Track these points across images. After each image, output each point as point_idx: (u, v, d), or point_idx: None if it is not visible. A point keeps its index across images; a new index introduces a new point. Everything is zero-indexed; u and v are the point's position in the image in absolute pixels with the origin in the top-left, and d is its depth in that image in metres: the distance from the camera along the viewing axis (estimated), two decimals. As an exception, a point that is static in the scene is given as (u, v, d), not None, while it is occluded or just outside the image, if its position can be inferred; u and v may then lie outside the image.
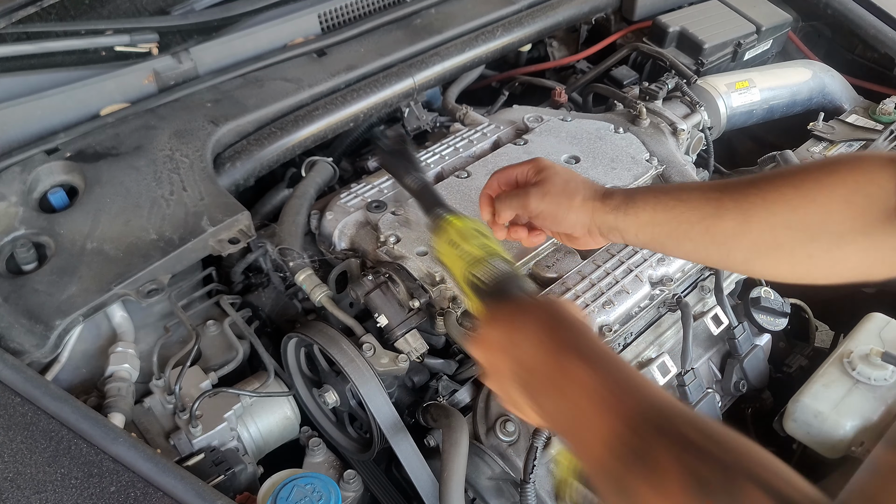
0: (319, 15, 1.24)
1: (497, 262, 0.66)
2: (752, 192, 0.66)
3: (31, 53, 1.04)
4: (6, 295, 0.83)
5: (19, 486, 0.68)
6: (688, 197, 0.69)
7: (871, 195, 0.61)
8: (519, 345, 0.58)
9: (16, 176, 0.94)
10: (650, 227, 0.71)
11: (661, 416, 0.44)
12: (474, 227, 0.70)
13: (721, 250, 0.68)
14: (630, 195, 0.72)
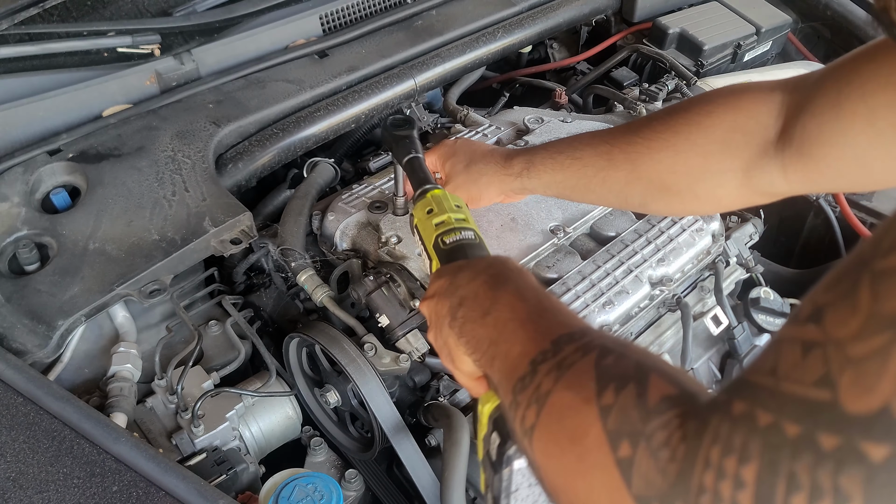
0: (321, 16, 1.24)
1: (465, 231, 0.70)
2: (637, 142, 0.71)
3: (34, 54, 1.04)
4: (8, 295, 0.83)
5: (22, 485, 0.68)
6: (581, 154, 0.75)
7: (748, 132, 0.65)
8: (459, 284, 0.59)
9: (18, 176, 0.94)
10: (553, 185, 0.78)
11: (583, 337, 0.45)
12: (453, 201, 0.74)
13: (619, 196, 0.76)
14: (529, 160, 0.78)
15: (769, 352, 0.31)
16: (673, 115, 0.70)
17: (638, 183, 0.72)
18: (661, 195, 0.72)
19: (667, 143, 0.69)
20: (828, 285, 0.30)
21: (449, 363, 0.62)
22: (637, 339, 0.99)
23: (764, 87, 0.66)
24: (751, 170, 0.66)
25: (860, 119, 0.56)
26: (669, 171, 0.70)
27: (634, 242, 0.98)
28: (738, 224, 1.15)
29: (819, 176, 0.63)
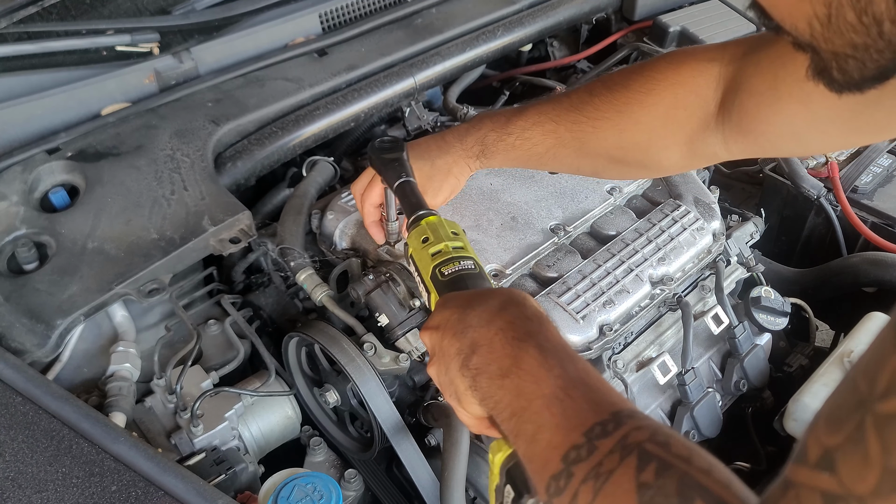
0: (320, 14, 1.24)
1: (464, 260, 0.67)
2: (582, 121, 0.73)
3: (32, 53, 1.04)
4: (7, 294, 0.83)
5: (20, 485, 0.68)
6: (530, 135, 0.77)
7: (689, 106, 0.67)
8: (470, 324, 0.55)
9: (17, 175, 0.94)
10: (509, 161, 0.82)
11: (617, 426, 0.42)
12: (449, 228, 0.71)
13: (571, 168, 0.83)
14: (483, 143, 0.81)
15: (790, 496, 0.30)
16: (615, 92, 0.72)
17: (587, 157, 0.76)
18: (611, 166, 0.78)
19: (611, 122, 0.71)
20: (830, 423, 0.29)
21: (454, 402, 0.58)
22: (637, 338, 0.98)
23: (701, 58, 0.67)
24: (693, 142, 0.69)
25: (796, 102, 0.58)
26: (616, 147, 0.73)
27: (635, 241, 0.98)
28: (739, 223, 1.15)
29: (758, 148, 0.68)
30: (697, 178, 1.13)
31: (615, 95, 0.71)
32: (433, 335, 0.59)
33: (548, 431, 0.45)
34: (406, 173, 0.79)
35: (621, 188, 1.05)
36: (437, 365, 0.59)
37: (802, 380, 0.98)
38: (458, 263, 0.66)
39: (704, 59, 0.67)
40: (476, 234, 0.94)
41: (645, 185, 1.09)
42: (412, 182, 0.78)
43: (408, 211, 0.76)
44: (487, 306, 0.56)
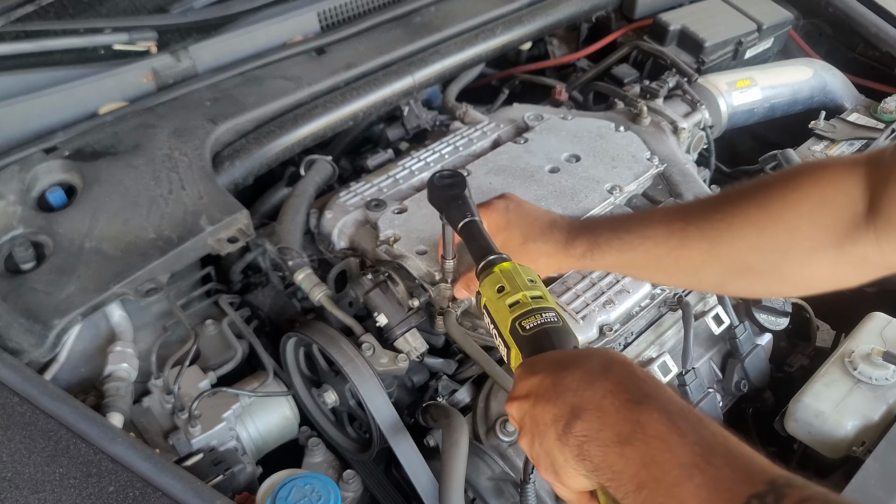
0: (319, 13, 1.23)
1: (546, 312, 0.60)
2: (716, 218, 0.65)
3: (30, 52, 1.03)
4: (4, 294, 0.83)
5: (17, 485, 0.68)
6: (652, 233, 0.68)
7: (837, 206, 0.61)
8: (569, 387, 0.49)
9: (14, 175, 0.94)
10: (618, 266, 0.71)
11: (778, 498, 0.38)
12: (525, 276, 0.64)
13: (693, 278, 0.69)
14: (594, 241, 0.71)
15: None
16: (755, 190, 0.65)
17: (715, 263, 0.66)
18: (742, 276, 0.66)
19: (749, 218, 0.64)
20: None
21: (550, 477, 0.53)
22: (638, 338, 0.98)
23: (846, 161, 0.63)
24: (843, 244, 0.61)
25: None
26: (752, 250, 0.64)
27: (634, 241, 0.98)
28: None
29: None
30: (698, 178, 1.12)
31: (755, 193, 0.65)
32: (522, 406, 0.54)
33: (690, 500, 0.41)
34: (471, 213, 0.71)
35: (621, 187, 1.05)
36: (528, 437, 0.53)
37: (803, 380, 0.97)
38: (541, 316, 0.59)
39: (848, 162, 0.62)
40: (475, 233, 0.94)
41: (645, 185, 1.09)
42: (478, 222, 0.71)
43: (476, 255, 0.68)
44: (588, 367, 0.51)
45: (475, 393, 0.94)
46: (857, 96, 1.43)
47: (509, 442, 0.87)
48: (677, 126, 1.20)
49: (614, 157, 1.09)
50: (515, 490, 0.86)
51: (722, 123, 1.32)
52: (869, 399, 0.91)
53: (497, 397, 0.91)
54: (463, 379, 0.95)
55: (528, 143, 1.11)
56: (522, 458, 0.83)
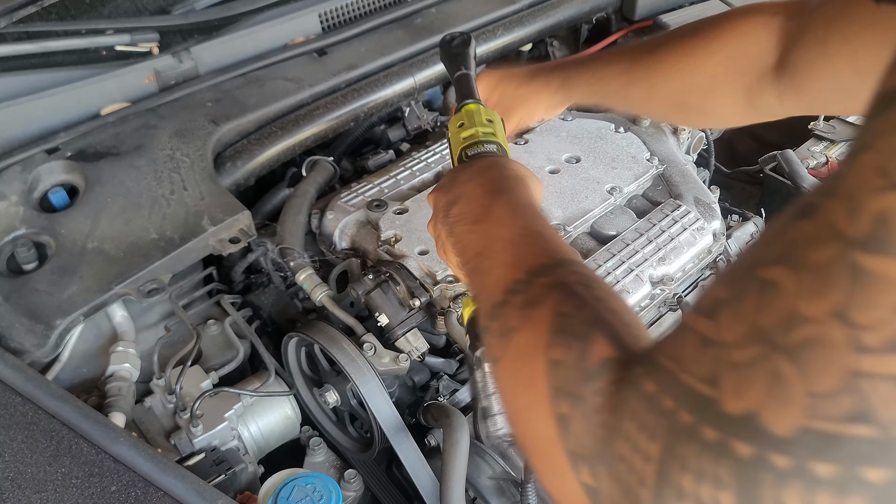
0: (320, 14, 1.23)
1: (489, 144, 0.70)
2: (653, 61, 0.77)
3: (32, 53, 1.03)
4: (7, 294, 0.83)
5: (20, 485, 0.68)
6: (607, 71, 0.81)
7: (750, 55, 0.69)
8: (458, 181, 0.62)
9: (16, 175, 0.94)
10: (586, 97, 0.85)
11: (557, 269, 0.47)
12: (486, 116, 0.75)
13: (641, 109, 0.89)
14: (565, 77, 0.84)
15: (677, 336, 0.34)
16: (685, 37, 0.76)
17: (656, 99, 0.79)
18: (676, 111, 0.81)
19: (678, 64, 0.75)
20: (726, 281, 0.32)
21: (441, 255, 0.66)
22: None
23: (767, 11, 0.70)
24: (751, 92, 0.70)
25: (843, 58, 0.60)
26: (680, 91, 0.76)
27: (635, 241, 0.98)
28: (739, 223, 1.15)
29: (809, 104, 0.69)
30: (698, 178, 1.13)
31: (685, 40, 0.76)
32: (432, 195, 0.66)
33: (500, 269, 0.50)
34: (466, 67, 0.82)
35: (621, 188, 1.05)
36: (432, 220, 0.66)
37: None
38: (482, 146, 0.70)
39: (770, 11, 0.70)
40: (476, 233, 0.94)
41: (645, 185, 1.09)
42: (468, 75, 0.82)
43: (458, 99, 0.80)
44: (476, 167, 0.64)
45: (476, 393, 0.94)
46: (857, 97, 1.43)
47: (510, 441, 0.87)
48: (677, 127, 1.20)
49: (614, 157, 1.09)
50: (516, 489, 0.86)
51: (722, 124, 1.32)
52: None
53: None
54: (464, 379, 0.95)
55: (529, 144, 1.11)
56: (523, 458, 0.83)
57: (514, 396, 0.44)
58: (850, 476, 0.26)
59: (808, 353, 0.26)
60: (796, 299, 0.27)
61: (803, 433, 0.26)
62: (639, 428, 0.33)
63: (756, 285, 0.29)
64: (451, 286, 0.88)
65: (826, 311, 0.26)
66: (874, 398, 0.25)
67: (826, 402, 0.26)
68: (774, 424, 0.27)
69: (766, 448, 0.27)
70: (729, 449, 0.28)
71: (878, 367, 0.25)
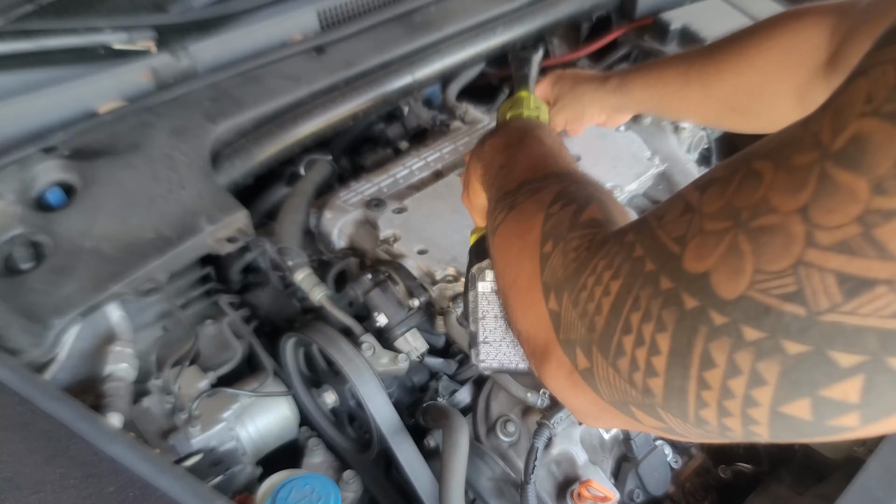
0: (318, 12, 1.23)
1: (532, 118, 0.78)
2: (709, 63, 0.79)
3: (28, 51, 1.03)
4: (3, 294, 0.82)
5: (17, 486, 0.68)
6: (664, 74, 0.84)
7: (802, 54, 0.71)
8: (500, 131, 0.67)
9: (13, 174, 0.93)
10: (643, 101, 0.88)
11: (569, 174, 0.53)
12: (535, 103, 0.84)
13: (696, 112, 0.85)
14: (623, 78, 0.89)
15: (670, 201, 0.38)
16: (739, 39, 0.77)
17: (710, 101, 0.80)
18: (730, 113, 0.81)
19: (732, 64, 0.76)
20: (726, 164, 0.36)
21: (466, 200, 0.70)
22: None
23: (819, 10, 0.71)
24: (803, 90, 0.71)
25: None
26: (733, 92, 0.77)
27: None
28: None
29: None
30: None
31: (738, 42, 0.77)
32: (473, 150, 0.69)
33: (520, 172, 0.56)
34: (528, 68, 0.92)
35: (622, 188, 1.05)
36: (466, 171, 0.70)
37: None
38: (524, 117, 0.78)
39: (822, 11, 0.71)
40: (475, 233, 0.94)
41: (646, 185, 1.09)
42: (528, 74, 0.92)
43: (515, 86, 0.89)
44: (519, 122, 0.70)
45: (476, 393, 0.93)
46: (858, 96, 1.43)
47: (510, 442, 0.87)
48: (678, 125, 1.20)
49: (615, 156, 1.09)
50: (516, 491, 0.85)
51: (722, 123, 1.32)
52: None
53: (497, 398, 0.91)
54: (463, 379, 0.95)
55: (529, 143, 1.11)
56: (523, 458, 0.82)
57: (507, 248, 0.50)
58: (771, 343, 0.29)
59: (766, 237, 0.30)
60: (770, 191, 0.31)
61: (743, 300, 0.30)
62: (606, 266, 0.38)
63: (744, 172, 0.33)
64: (451, 286, 0.88)
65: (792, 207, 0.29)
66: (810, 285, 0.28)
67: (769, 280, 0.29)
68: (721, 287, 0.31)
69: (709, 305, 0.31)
70: (678, 298, 0.33)
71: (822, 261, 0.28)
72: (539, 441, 0.81)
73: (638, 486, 0.93)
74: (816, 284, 0.28)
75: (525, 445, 0.85)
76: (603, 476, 0.88)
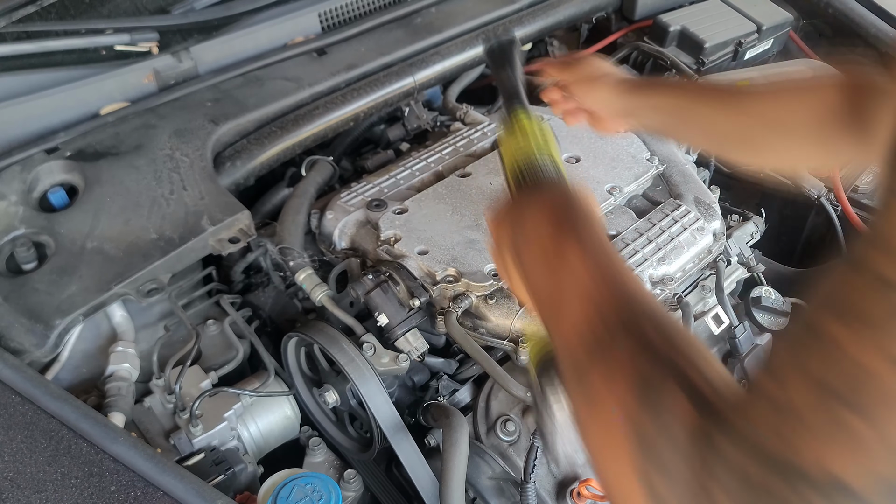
0: (320, 14, 1.23)
1: (545, 159, 0.69)
2: (738, 92, 0.77)
3: (31, 52, 1.03)
4: (6, 294, 0.83)
5: (19, 485, 0.68)
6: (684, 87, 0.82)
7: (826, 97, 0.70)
8: (525, 216, 0.61)
9: (16, 175, 0.94)
10: (652, 111, 0.83)
11: (632, 312, 0.46)
12: (539, 127, 0.74)
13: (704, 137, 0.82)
14: (636, 85, 0.84)
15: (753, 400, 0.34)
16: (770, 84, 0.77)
17: (724, 125, 0.77)
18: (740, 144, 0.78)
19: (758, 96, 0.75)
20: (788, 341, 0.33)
21: (505, 278, 0.66)
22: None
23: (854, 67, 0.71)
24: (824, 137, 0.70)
25: None
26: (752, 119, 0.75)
27: (635, 241, 0.98)
28: (740, 223, 1.14)
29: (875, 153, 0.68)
30: (698, 178, 1.12)
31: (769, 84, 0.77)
32: (495, 221, 0.65)
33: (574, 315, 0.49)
34: (511, 68, 0.81)
35: (621, 188, 1.05)
36: (495, 247, 0.65)
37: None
38: (538, 164, 0.69)
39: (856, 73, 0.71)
40: (476, 233, 0.94)
41: (645, 185, 1.09)
42: (513, 76, 0.81)
43: (505, 102, 0.79)
44: (542, 196, 0.62)
45: (476, 393, 0.94)
46: (857, 97, 1.43)
47: (510, 441, 0.87)
48: (677, 127, 1.20)
49: (614, 157, 1.09)
50: (516, 489, 0.86)
51: (722, 124, 1.32)
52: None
53: (498, 397, 0.91)
54: (463, 379, 0.95)
55: (529, 144, 1.11)
56: (523, 457, 0.83)
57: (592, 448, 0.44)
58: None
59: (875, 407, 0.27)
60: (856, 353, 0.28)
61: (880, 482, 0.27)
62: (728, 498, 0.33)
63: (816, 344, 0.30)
64: (451, 286, 0.88)
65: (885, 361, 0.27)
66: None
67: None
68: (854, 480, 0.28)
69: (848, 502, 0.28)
70: None
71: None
72: (539, 440, 0.81)
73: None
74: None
75: (525, 444, 0.85)
76: None
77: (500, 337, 0.88)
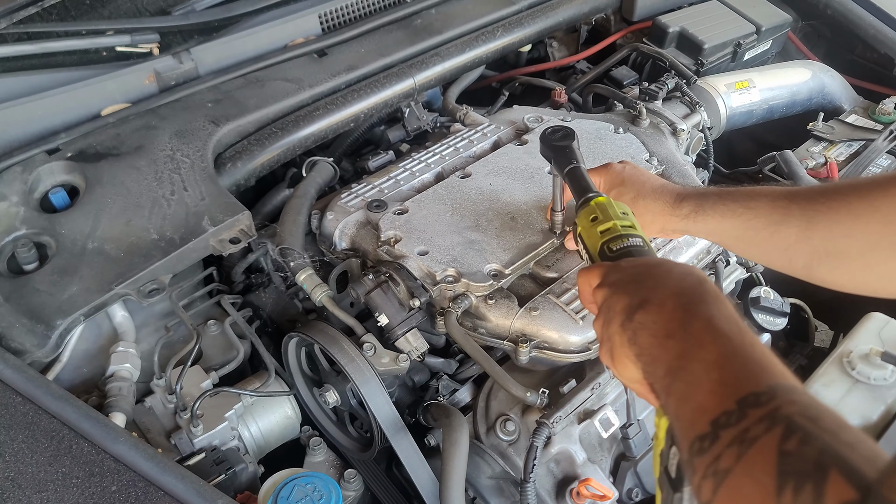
0: (320, 15, 1.24)
1: (633, 237, 0.67)
2: (818, 201, 0.67)
3: (32, 54, 1.04)
4: (7, 295, 0.83)
5: (20, 485, 0.68)
6: (756, 204, 0.70)
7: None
8: (645, 285, 0.56)
9: (17, 176, 0.94)
10: (718, 232, 0.74)
11: (773, 398, 0.42)
12: (619, 209, 0.72)
13: (784, 256, 0.70)
14: (700, 203, 0.75)
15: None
16: (863, 182, 0.67)
17: (808, 243, 0.68)
18: (830, 260, 0.67)
19: (849, 205, 0.65)
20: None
21: (607, 359, 0.60)
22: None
23: None
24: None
25: None
26: (845, 235, 0.65)
27: (634, 242, 0.98)
28: (738, 223, 1.14)
29: None
30: (697, 179, 1.13)
31: (861, 184, 0.66)
32: (604, 292, 0.60)
33: (701, 394, 0.46)
34: (576, 160, 0.79)
35: (621, 188, 1.05)
36: (601, 320, 0.60)
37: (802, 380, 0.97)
38: (627, 240, 0.67)
39: None
40: (476, 234, 0.95)
41: (644, 186, 1.09)
42: (581, 167, 0.79)
43: (576, 194, 0.77)
44: (669, 272, 0.57)
45: (476, 392, 0.94)
46: (856, 98, 1.43)
47: (510, 441, 0.88)
48: (676, 127, 1.21)
49: (613, 158, 1.09)
50: (515, 489, 0.86)
51: (721, 125, 1.32)
52: (867, 399, 0.92)
53: (497, 397, 0.91)
54: (463, 378, 0.96)
55: (529, 145, 1.11)
56: (522, 457, 0.83)
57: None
58: None
59: None
60: None
61: None
62: None
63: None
64: (451, 286, 0.88)
65: None
66: None
67: None
68: None
69: None
70: None
71: None
72: (538, 440, 0.81)
73: (636, 485, 0.93)
74: None
75: (524, 444, 0.85)
76: (602, 475, 0.89)
77: (500, 337, 0.88)
